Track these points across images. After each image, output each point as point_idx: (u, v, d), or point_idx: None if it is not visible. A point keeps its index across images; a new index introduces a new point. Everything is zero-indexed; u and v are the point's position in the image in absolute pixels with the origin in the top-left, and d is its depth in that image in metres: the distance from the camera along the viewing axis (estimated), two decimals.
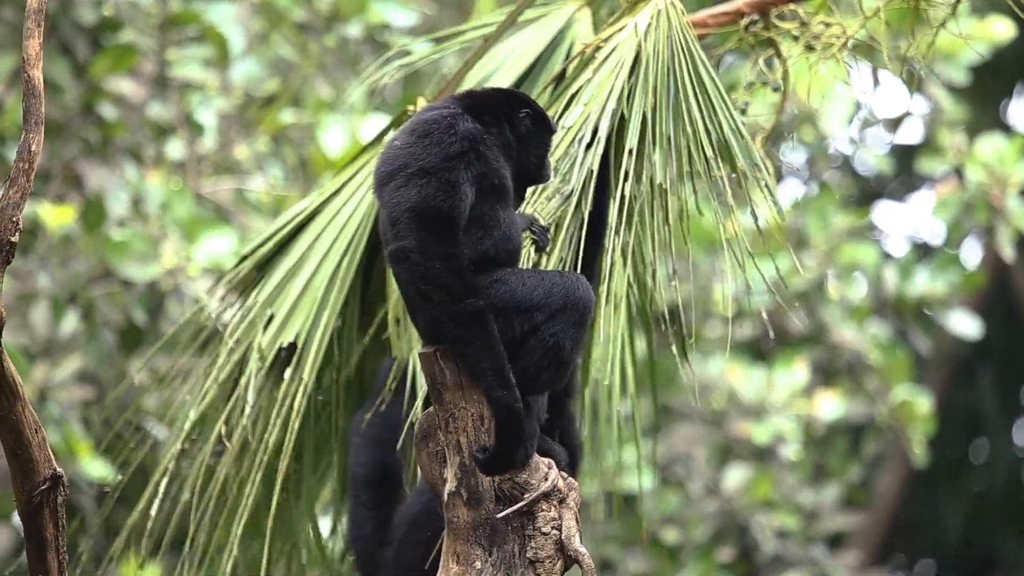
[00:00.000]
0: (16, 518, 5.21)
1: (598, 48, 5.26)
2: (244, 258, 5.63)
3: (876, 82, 5.97)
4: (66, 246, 8.39)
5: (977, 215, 10.10)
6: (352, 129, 8.82)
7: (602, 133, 5.09)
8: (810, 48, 5.41)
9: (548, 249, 5.06)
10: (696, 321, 10.22)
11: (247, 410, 5.33)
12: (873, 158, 11.54)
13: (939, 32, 5.60)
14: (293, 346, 5.41)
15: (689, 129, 5.11)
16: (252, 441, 5.37)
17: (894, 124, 11.47)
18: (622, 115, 5.15)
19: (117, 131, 8.57)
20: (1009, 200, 10.04)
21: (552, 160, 4.93)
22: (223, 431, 5.36)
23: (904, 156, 14.27)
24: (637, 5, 5.31)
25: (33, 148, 4.30)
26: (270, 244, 5.59)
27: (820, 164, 11.77)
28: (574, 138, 5.13)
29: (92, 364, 8.27)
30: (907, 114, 11.01)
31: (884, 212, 15.83)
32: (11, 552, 8.84)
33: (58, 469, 4.39)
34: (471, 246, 4.57)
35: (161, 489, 5.43)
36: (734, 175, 5.06)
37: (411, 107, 5.49)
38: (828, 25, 5.41)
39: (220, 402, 5.45)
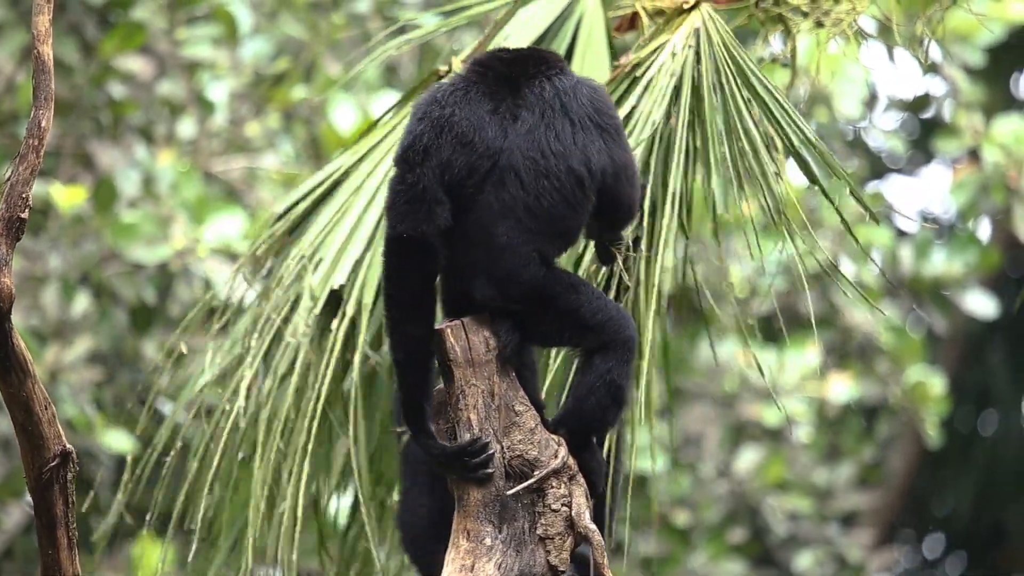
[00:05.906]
0: (27, 495, 5.22)
1: (636, 67, 5.17)
2: (280, 216, 5.51)
3: (891, 60, 5.95)
4: (77, 226, 8.38)
5: (994, 196, 10.07)
6: (364, 106, 8.81)
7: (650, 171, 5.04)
8: (819, 25, 5.38)
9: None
10: (708, 303, 10.13)
11: (301, 353, 5.25)
12: (885, 136, 11.49)
13: (951, 9, 5.56)
14: (340, 292, 5.32)
15: (749, 147, 5.00)
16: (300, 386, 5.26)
17: (912, 105, 11.42)
18: (666, 147, 5.07)
19: (127, 110, 8.57)
20: None
21: None
22: (269, 382, 5.26)
23: (916, 132, 14.24)
24: (672, 21, 5.18)
25: (43, 124, 4.28)
26: (305, 203, 5.49)
27: (834, 144, 11.73)
28: None
29: (103, 345, 8.27)
30: (925, 96, 10.96)
31: (895, 187, 15.80)
32: (23, 530, 8.87)
33: (68, 446, 4.37)
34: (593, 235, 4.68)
35: (173, 457, 5.38)
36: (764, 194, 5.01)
37: (442, 68, 5.42)
38: (839, 1, 5.37)
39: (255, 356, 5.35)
